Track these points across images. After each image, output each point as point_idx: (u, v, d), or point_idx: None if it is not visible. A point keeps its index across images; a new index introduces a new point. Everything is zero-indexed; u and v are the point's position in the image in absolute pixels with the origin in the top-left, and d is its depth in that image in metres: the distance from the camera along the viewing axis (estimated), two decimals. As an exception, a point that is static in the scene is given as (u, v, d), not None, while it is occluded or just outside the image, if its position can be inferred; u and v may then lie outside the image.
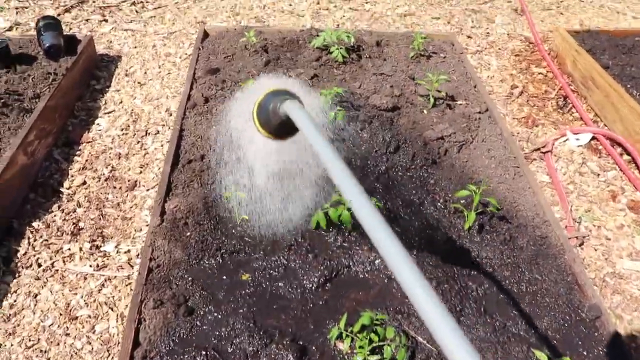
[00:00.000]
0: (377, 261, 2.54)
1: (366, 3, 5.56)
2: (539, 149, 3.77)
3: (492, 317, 2.39)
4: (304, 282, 2.46)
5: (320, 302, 2.39)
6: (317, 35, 4.05)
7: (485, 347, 2.25)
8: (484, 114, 3.64)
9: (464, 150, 3.34)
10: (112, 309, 2.63)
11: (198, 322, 2.32)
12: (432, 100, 3.59)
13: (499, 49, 4.94)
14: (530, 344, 2.29)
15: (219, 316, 2.34)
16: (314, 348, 2.22)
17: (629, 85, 4.03)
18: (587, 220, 3.26)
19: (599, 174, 3.60)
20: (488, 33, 5.17)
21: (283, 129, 1.38)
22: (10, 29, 4.83)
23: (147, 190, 3.28)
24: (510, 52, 4.90)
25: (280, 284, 2.46)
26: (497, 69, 4.65)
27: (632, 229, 3.20)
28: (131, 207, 3.18)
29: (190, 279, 2.50)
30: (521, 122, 4.04)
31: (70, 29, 4.89)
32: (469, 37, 5.07)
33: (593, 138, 3.87)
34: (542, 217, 2.93)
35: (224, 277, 2.50)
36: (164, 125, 3.78)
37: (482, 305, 2.43)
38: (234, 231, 2.71)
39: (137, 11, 5.24)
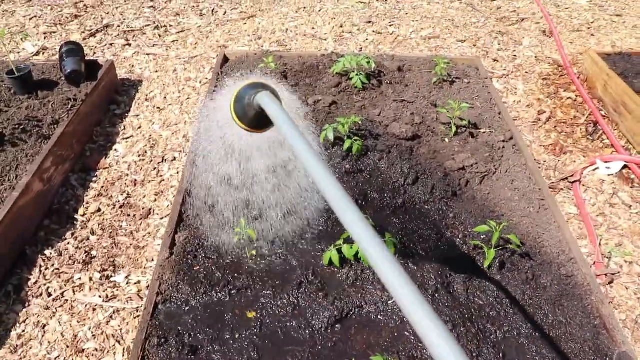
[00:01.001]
0: (390, 302, 2.43)
1: (390, 26, 5.48)
2: (566, 178, 3.62)
3: (512, 363, 2.26)
4: (313, 322, 2.36)
5: (330, 344, 2.29)
6: (338, 61, 3.98)
7: (503, 397, 2.12)
8: (508, 142, 3.51)
9: (486, 182, 3.21)
10: (119, 342, 2.57)
11: (202, 362, 2.25)
12: (454, 128, 3.48)
13: (526, 72, 4.80)
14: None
15: (224, 356, 2.26)
16: (321, 393, 2.13)
17: (662, 112, 3.86)
18: (618, 256, 3.10)
19: (631, 206, 3.44)
20: (515, 56, 5.04)
21: (258, 121, 1.40)
22: (37, 53, 4.88)
23: (161, 218, 3.23)
24: (538, 76, 4.75)
25: (288, 323, 2.37)
26: (523, 93, 4.51)
27: (666, 266, 3.03)
28: (144, 236, 3.14)
29: (196, 315, 2.43)
30: (548, 150, 3.90)
31: (95, 53, 4.93)
32: (495, 60, 4.95)
33: (625, 167, 3.71)
34: (567, 254, 2.78)
35: (231, 315, 2.42)
36: (180, 151, 3.75)
37: (500, 350, 2.30)
38: (243, 266, 2.64)
39: (160, 35, 5.26)
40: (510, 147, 3.48)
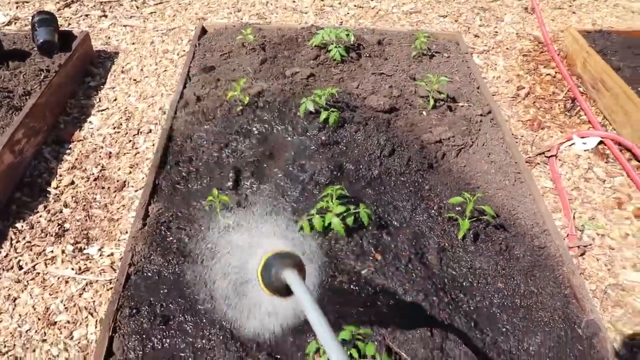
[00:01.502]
0: (363, 271, 2.42)
1: (371, 0, 5.43)
2: (543, 152, 3.63)
3: (482, 332, 2.27)
4: (286, 292, 2.35)
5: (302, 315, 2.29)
6: (316, 33, 3.93)
7: (473, 366, 2.13)
8: (486, 116, 3.51)
9: (462, 155, 3.21)
10: (91, 315, 2.55)
11: (173, 332, 2.23)
12: (431, 101, 3.46)
13: (507, 48, 4.79)
14: (521, 362, 2.17)
15: (195, 326, 2.24)
16: (291, 363, 2.13)
17: None
18: (591, 229, 3.12)
19: (605, 180, 3.46)
20: (496, 32, 5.03)
21: (285, 290, 1.49)
22: (9, 23, 4.77)
23: (136, 191, 3.20)
24: (519, 52, 4.75)
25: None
26: (503, 69, 4.51)
27: (638, 239, 3.06)
28: (118, 209, 3.11)
29: (168, 286, 2.41)
30: (526, 125, 3.90)
31: (69, 24, 4.83)
32: (476, 36, 4.93)
33: (600, 142, 3.73)
34: (541, 226, 2.80)
35: (204, 285, 2.41)
36: (156, 124, 3.70)
37: (472, 319, 2.31)
38: (217, 237, 2.61)
39: (137, 7, 5.17)
40: (488, 121, 3.48)
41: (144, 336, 2.22)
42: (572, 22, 5.23)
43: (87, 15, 4.99)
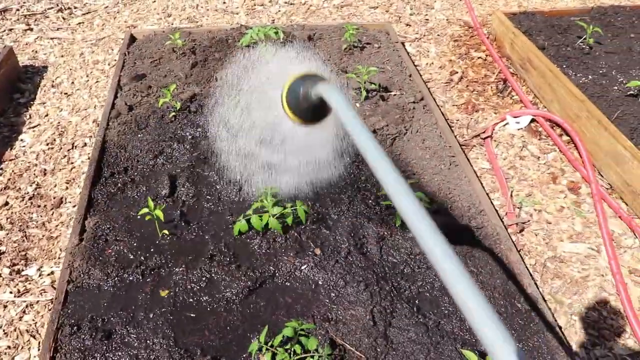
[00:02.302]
0: (303, 267, 2.43)
1: (302, -4, 5.44)
2: (478, 135, 3.71)
3: (425, 316, 2.31)
4: (227, 294, 2.34)
5: (245, 315, 2.28)
6: (245, 33, 3.91)
7: (417, 349, 2.16)
8: (419, 103, 3.56)
9: (397, 143, 3.25)
10: (33, 337, 2.48)
11: (116, 346, 2.19)
12: (364, 93, 3.49)
13: (438, 35, 4.87)
14: (464, 341, 2.22)
15: (138, 337, 2.21)
16: (237, 364, 2.12)
17: (564, 66, 4.00)
18: (528, 205, 3.21)
19: (539, 157, 3.56)
20: (427, 19, 5.10)
21: (312, 113, 1.31)
22: None
23: (74, 206, 3.13)
24: (450, 38, 4.83)
25: (202, 298, 2.35)
26: (436, 55, 4.58)
27: (572, 211, 3.16)
28: (57, 226, 3.04)
29: (109, 299, 2.37)
30: (461, 109, 3.98)
31: (-7, 40, 4.68)
32: (407, 24, 4.99)
33: (533, 120, 3.83)
34: (477, 207, 2.86)
35: (144, 295, 2.38)
36: (91, 136, 3.63)
37: (415, 304, 2.35)
38: (155, 246, 2.59)
39: (64, 18, 5.04)
40: (421, 107, 3.53)
41: (86, 353, 2.18)
42: (499, 6, 5.35)
43: (10, 30, 4.84)
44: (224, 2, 5.30)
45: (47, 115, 3.84)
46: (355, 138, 1.04)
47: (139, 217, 2.73)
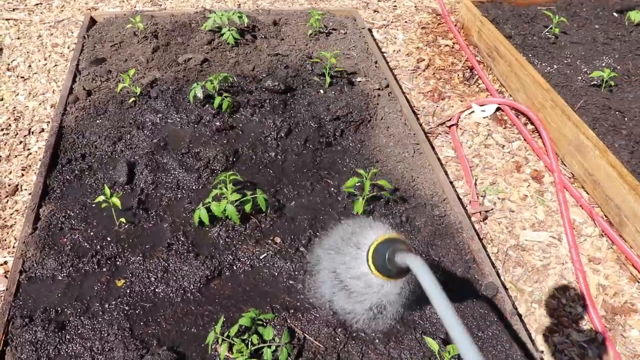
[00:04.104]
0: (262, 256, 2.39)
1: (270, -20, 5.35)
2: (444, 122, 3.70)
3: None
4: (185, 283, 2.29)
5: (202, 305, 2.23)
6: (208, 17, 3.82)
7: (377, 338, 2.14)
8: (384, 90, 3.52)
9: (361, 130, 3.21)
10: (-17, 329, 2.39)
11: (69, 337, 2.12)
12: (328, 79, 3.44)
13: (406, 22, 4.84)
14: (424, 330, 2.20)
15: (93, 328, 2.15)
16: (193, 355, 2.07)
17: (530, 55, 4.00)
18: (492, 194, 3.21)
19: (504, 145, 3.56)
20: (395, 6, 5.06)
21: (396, 273, 1.53)
22: None
23: (30, 194, 3.02)
24: (417, 25, 4.80)
25: (158, 288, 2.29)
26: (403, 42, 4.55)
27: (535, 199, 3.17)
28: (12, 214, 2.95)
29: (63, 290, 2.29)
30: (427, 96, 3.96)
31: (-55, 21, 4.51)
32: (375, 11, 4.95)
33: (498, 109, 3.83)
34: (440, 195, 2.84)
35: (100, 285, 2.31)
36: (49, 122, 3.51)
37: (375, 293, 2.32)
38: (112, 235, 2.51)
39: (21, -1, 4.88)
40: (386, 95, 3.49)
41: (38, 345, 2.11)
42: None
43: (-36, 11, 4.67)
44: (190, -15, 5.18)
45: (2, 100, 3.71)
46: (437, 307, 1.25)
47: (95, 205, 2.65)
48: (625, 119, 3.38)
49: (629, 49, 4.06)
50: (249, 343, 1.99)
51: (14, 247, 2.76)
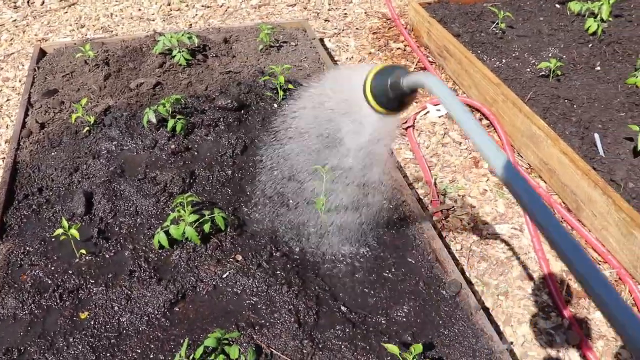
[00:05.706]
0: (224, 275, 2.39)
1: (219, -2, 5.37)
2: (400, 125, 3.74)
3: (352, 312, 2.30)
4: (149, 309, 2.28)
5: (167, 330, 2.22)
6: (158, 40, 3.82)
7: (344, 346, 2.15)
8: (338, 98, 3.55)
9: (318, 140, 3.24)
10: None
11: (33, 377, 2.10)
12: (280, 92, 3.46)
13: (357, 28, 4.89)
14: (389, 334, 2.22)
15: (57, 366, 2.13)
16: (161, 382, 2.07)
17: (479, 51, 4.08)
18: (452, 191, 3.25)
19: (461, 142, 3.62)
20: (345, 14, 5.12)
21: (395, 103, 1.38)
22: None
23: (-15, 234, 2.98)
24: (369, 31, 4.86)
25: (122, 317, 2.27)
26: (355, 49, 4.60)
27: (495, 193, 3.23)
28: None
29: (25, 328, 2.27)
30: (382, 101, 4.00)
31: None
32: (326, 20, 4.99)
33: (453, 107, 3.88)
34: (399, 198, 2.87)
35: (63, 319, 2.28)
36: (4, 158, 3.47)
37: (342, 302, 2.34)
38: (72, 267, 2.49)
39: (-32, 34, 4.82)
40: (341, 103, 3.52)
41: (2, 388, 2.09)
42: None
43: None
44: (140, 9, 5.17)
45: (-47, 139, 3.66)
46: (460, 122, 1.13)
47: (54, 238, 2.63)
48: (574, 106, 3.46)
49: (573, 38, 4.16)
50: (217, 363, 1.99)
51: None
